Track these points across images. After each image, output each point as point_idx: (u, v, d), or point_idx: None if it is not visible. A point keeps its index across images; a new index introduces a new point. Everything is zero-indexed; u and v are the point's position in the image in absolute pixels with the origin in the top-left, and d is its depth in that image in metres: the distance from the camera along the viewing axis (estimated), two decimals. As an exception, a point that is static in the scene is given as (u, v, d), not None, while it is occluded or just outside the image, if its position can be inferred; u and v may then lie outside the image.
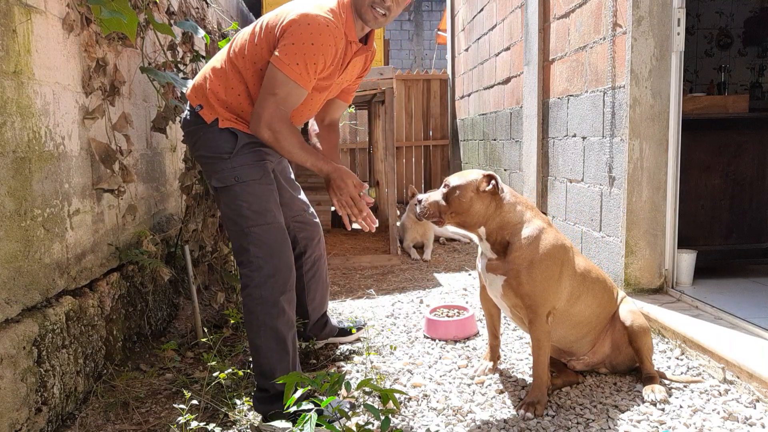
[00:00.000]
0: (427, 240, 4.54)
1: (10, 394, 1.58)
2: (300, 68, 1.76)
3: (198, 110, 1.93)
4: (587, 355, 2.12)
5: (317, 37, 1.75)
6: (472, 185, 1.94)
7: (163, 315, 2.76)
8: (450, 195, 1.96)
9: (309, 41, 1.74)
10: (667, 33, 2.70)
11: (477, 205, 1.94)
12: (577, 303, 1.99)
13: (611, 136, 2.91)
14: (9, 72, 1.66)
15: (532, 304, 1.90)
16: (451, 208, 1.95)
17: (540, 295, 1.90)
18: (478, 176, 1.96)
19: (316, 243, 2.38)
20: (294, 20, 1.76)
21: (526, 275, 1.89)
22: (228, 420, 1.88)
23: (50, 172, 1.88)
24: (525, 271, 1.89)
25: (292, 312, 1.93)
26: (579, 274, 1.99)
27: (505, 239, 1.94)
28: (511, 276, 1.92)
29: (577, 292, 1.98)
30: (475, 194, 1.94)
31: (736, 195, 3.19)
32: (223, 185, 1.91)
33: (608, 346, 2.10)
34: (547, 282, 1.90)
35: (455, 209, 1.94)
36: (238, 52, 1.91)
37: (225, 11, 4.39)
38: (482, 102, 5.60)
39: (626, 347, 2.08)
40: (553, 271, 1.91)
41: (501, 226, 1.95)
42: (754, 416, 1.82)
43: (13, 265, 1.67)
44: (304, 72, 1.78)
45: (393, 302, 3.20)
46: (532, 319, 1.92)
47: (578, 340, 2.08)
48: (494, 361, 2.24)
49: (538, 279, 1.89)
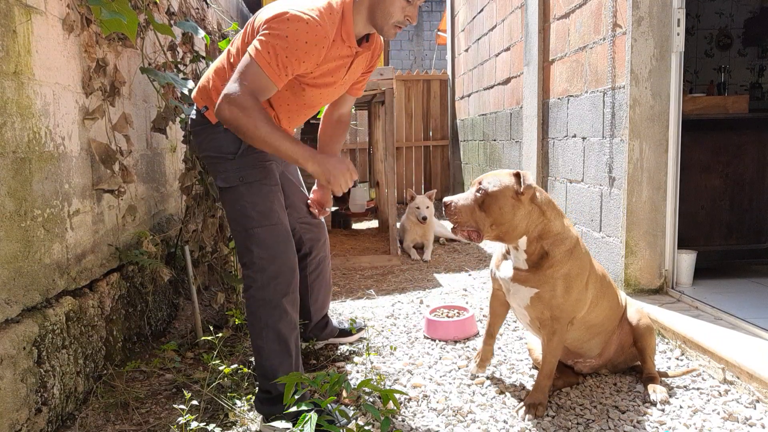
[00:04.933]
0: (427, 241, 4.54)
1: (10, 394, 1.58)
2: (270, 58, 1.71)
3: (204, 111, 1.94)
4: (594, 358, 2.11)
5: (293, 33, 1.71)
6: (510, 189, 1.73)
7: (163, 315, 2.76)
8: (487, 202, 1.73)
9: (284, 34, 1.70)
10: (666, 33, 2.70)
11: (520, 212, 1.74)
12: (596, 308, 1.96)
13: (611, 137, 2.91)
14: (9, 72, 1.66)
15: (561, 315, 1.85)
16: (490, 217, 1.73)
17: (571, 307, 1.85)
18: (511, 178, 1.75)
19: (321, 244, 2.39)
20: (275, 15, 1.74)
21: (562, 289, 1.80)
22: (228, 420, 1.88)
23: (50, 173, 1.88)
24: (561, 284, 1.80)
25: (294, 313, 1.93)
26: (599, 280, 1.95)
27: (543, 249, 1.79)
28: (545, 290, 1.80)
29: (596, 298, 1.94)
30: (515, 199, 1.72)
31: (736, 195, 3.19)
32: (228, 186, 1.91)
33: (614, 347, 2.09)
34: (580, 294, 1.85)
35: (496, 219, 1.73)
36: (234, 52, 1.91)
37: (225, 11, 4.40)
38: (482, 102, 5.60)
39: (629, 348, 2.08)
40: (584, 282, 1.86)
41: (541, 236, 1.79)
42: (754, 417, 1.82)
43: (13, 265, 1.67)
44: (274, 63, 1.71)
45: (393, 303, 3.20)
46: (555, 327, 1.87)
47: (590, 342, 2.06)
48: (484, 361, 2.19)
49: (573, 292, 1.82)
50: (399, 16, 1.86)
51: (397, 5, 1.84)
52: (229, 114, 1.69)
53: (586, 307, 1.92)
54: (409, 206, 4.54)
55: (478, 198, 1.76)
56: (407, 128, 7.66)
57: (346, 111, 2.33)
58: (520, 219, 1.75)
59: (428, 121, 7.72)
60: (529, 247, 1.82)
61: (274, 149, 1.72)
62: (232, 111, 1.69)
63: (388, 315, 2.97)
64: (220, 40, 3.27)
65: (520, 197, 1.74)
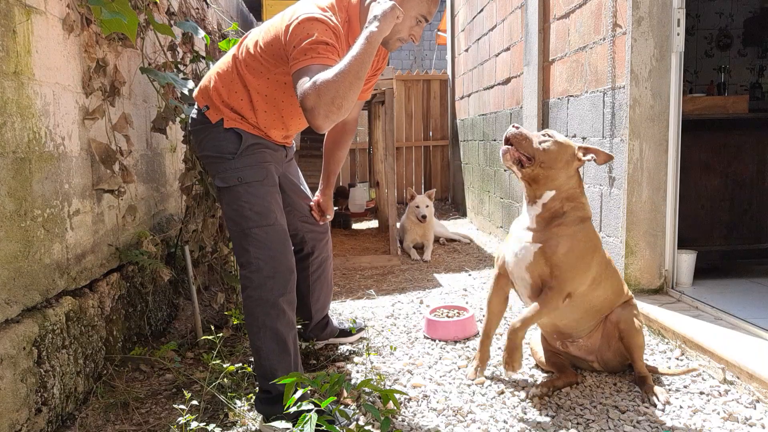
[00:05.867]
0: (427, 240, 4.54)
1: (10, 394, 1.58)
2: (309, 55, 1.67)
3: (204, 111, 1.94)
4: (583, 339, 2.13)
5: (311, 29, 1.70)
6: (572, 149, 1.97)
7: (163, 315, 2.76)
8: (549, 146, 1.94)
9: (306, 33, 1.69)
10: (666, 33, 2.70)
11: (567, 171, 1.96)
12: (597, 288, 2.02)
13: (611, 137, 2.91)
14: (9, 72, 1.66)
15: (559, 275, 1.92)
16: (544, 156, 1.93)
17: (569, 270, 1.92)
18: (576, 145, 1.99)
19: (323, 245, 2.39)
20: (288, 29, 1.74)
21: (564, 247, 1.92)
22: (228, 420, 1.88)
23: (50, 173, 1.88)
24: (564, 243, 1.92)
25: (292, 313, 1.93)
26: (605, 263, 2.04)
27: (562, 209, 1.97)
28: (548, 244, 1.93)
29: (599, 278, 2.01)
30: (571, 159, 1.96)
31: (736, 195, 3.19)
32: (226, 185, 1.91)
33: (600, 334, 2.11)
34: (580, 260, 1.93)
35: (547, 162, 1.93)
36: (242, 61, 1.91)
37: (225, 12, 4.40)
38: (482, 102, 5.60)
39: (616, 342, 2.08)
40: (587, 252, 1.95)
41: (569, 198, 1.98)
42: (754, 417, 1.82)
43: (13, 265, 1.67)
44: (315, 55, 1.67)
45: (393, 303, 3.20)
46: (551, 292, 1.92)
47: (582, 322, 2.09)
48: (482, 362, 2.19)
49: (574, 254, 1.92)
50: (405, 33, 1.89)
51: (405, 24, 1.87)
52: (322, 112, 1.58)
53: (586, 283, 1.97)
54: (409, 206, 4.54)
55: (543, 139, 1.96)
56: (407, 128, 7.67)
57: (352, 117, 2.33)
58: (564, 175, 1.96)
59: (428, 121, 7.73)
60: (551, 202, 1.98)
61: (362, 68, 1.60)
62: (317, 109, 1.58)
63: (388, 315, 2.97)
64: (220, 40, 3.27)
65: (577, 159, 1.97)
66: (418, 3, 1.85)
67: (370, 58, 1.63)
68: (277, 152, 2.04)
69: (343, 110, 1.60)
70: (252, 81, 1.89)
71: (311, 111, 1.59)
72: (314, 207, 2.35)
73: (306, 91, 1.59)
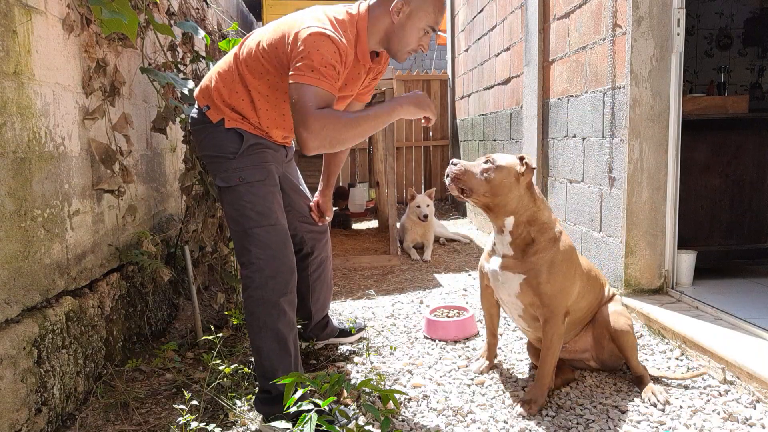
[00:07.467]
0: (427, 240, 4.54)
1: (10, 394, 1.58)
2: (316, 75, 1.70)
3: (205, 110, 1.94)
4: (569, 343, 2.14)
5: (320, 45, 1.72)
6: (514, 168, 1.90)
7: (163, 315, 2.76)
8: (491, 173, 1.89)
9: (315, 48, 1.71)
10: (666, 33, 2.70)
11: (515, 191, 1.90)
12: (582, 300, 2.03)
13: (611, 137, 2.91)
14: (9, 72, 1.66)
15: (551, 303, 1.91)
16: (488, 185, 1.89)
17: (558, 295, 1.91)
18: (517, 160, 1.92)
19: (323, 244, 2.39)
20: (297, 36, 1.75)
21: (547, 275, 1.89)
22: (228, 420, 1.88)
23: (50, 173, 1.88)
24: (546, 270, 1.89)
25: (292, 313, 1.93)
26: (585, 274, 2.03)
27: (530, 236, 1.92)
28: (531, 275, 1.90)
29: (583, 291, 2.02)
30: (516, 179, 1.89)
31: (735, 195, 3.19)
32: (227, 185, 1.91)
33: (589, 335, 2.13)
34: (566, 282, 1.92)
35: (492, 189, 1.89)
36: (243, 61, 1.91)
37: (225, 11, 4.40)
38: (482, 102, 5.60)
39: (608, 343, 2.09)
40: (570, 272, 1.94)
41: (530, 221, 1.92)
42: (754, 417, 1.82)
43: (13, 265, 1.67)
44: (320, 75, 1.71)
45: (393, 303, 3.20)
46: (548, 318, 1.92)
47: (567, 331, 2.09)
48: (491, 360, 2.25)
49: (559, 279, 1.90)
50: (414, 44, 1.90)
51: (414, 35, 1.88)
52: (317, 142, 1.67)
53: (575, 294, 1.98)
54: (410, 205, 4.54)
55: (485, 167, 1.92)
56: (407, 128, 7.66)
57: None
58: (513, 198, 1.90)
59: (428, 121, 7.72)
60: (516, 229, 1.93)
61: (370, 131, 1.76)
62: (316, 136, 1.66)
63: (388, 315, 2.97)
64: (220, 40, 3.27)
65: (520, 178, 1.90)
66: (426, 14, 1.87)
67: (383, 126, 1.79)
68: (277, 152, 2.04)
69: (333, 150, 1.74)
70: (253, 81, 1.89)
71: (306, 138, 1.66)
72: (313, 208, 2.35)
73: (311, 117, 1.66)
